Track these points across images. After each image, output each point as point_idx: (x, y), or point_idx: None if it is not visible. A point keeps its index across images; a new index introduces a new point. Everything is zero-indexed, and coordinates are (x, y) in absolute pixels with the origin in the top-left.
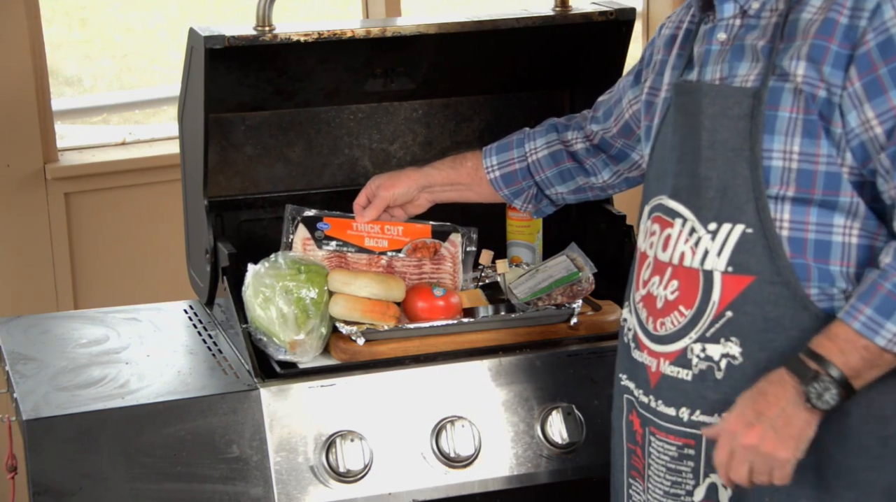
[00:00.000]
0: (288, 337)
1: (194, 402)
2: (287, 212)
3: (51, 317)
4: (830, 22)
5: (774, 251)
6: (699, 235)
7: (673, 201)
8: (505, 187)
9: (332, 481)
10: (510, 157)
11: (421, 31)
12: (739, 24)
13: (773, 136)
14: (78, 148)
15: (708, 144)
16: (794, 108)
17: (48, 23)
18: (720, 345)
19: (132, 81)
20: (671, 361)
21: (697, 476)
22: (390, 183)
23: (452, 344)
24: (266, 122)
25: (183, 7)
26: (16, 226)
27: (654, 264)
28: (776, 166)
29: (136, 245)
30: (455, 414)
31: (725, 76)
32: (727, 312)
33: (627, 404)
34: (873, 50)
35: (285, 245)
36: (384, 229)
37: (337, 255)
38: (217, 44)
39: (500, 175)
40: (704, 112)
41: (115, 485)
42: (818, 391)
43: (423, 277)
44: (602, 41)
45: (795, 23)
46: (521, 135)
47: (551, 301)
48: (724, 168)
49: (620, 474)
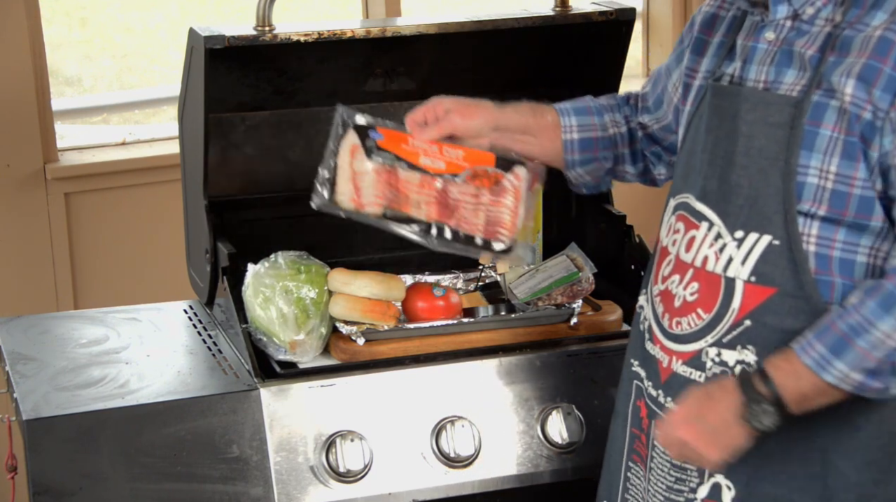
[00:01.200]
0: (288, 337)
1: (194, 402)
2: (337, 113)
3: (51, 317)
4: (888, 42)
5: (800, 265)
6: (724, 241)
7: (700, 203)
8: (579, 152)
9: (332, 481)
10: (591, 123)
11: (421, 31)
12: (790, 26)
13: (812, 153)
14: (78, 148)
15: (743, 151)
16: (836, 128)
17: (48, 23)
18: (736, 351)
19: (132, 81)
20: (685, 361)
21: (702, 474)
22: (466, 110)
23: (452, 344)
24: (266, 122)
25: (183, 7)
26: (16, 226)
27: (676, 263)
28: (811, 183)
29: (136, 245)
30: (455, 414)
31: (771, 80)
32: (746, 321)
33: (637, 390)
34: None
35: (331, 152)
36: (443, 150)
37: (387, 170)
38: (217, 44)
39: (578, 138)
40: (743, 118)
41: (115, 485)
42: (757, 413)
43: (479, 208)
44: (602, 41)
45: (851, 38)
46: (596, 104)
47: (551, 301)
48: (756, 177)
49: (619, 456)
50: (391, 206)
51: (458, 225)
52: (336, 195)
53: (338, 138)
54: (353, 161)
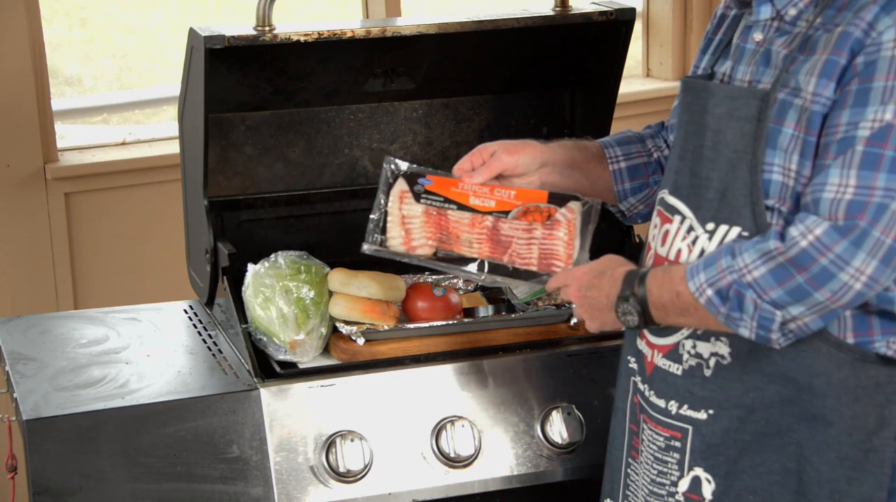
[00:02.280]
0: (288, 337)
1: (194, 402)
2: (386, 164)
3: (51, 317)
4: (846, 35)
5: None
6: (696, 234)
7: (673, 197)
8: (629, 180)
9: (332, 481)
10: (636, 150)
11: (421, 31)
12: (776, 27)
13: (775, 151)
14: (78, 148)
15: (711, 145)
16: (798, 127)
17: (48, 23)
18: (710, 343)
19: (132, 81)
20: (664, 354)
21: (682, 468)
22: (512, 148)
23: (452, 344)
24: (266, 122)
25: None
26: (16, 226)
27: (655, 257)
28: (776, 180)
29: (136, 245)
30: (455, 414)
31: (754, 80)
32: None
33: (633, 386)
34: (859, 65)
35: (380, 200)
36: (494, 191)
37: (437, 211)
38: (217, 44)
39: (625, 166)
40: (711, 112)
41: (115, 485)
42: (624, 310)
43: (532, 243)
44: (602, 41)
45: (818, 38)
46: (635, 133)
47: (551, 301)
48: (725, 170)
49: (619, 452)
50: (442, 247)
51: (512, 260)
52: (387, 240)
53: (387, 187)
54: (403, 206)
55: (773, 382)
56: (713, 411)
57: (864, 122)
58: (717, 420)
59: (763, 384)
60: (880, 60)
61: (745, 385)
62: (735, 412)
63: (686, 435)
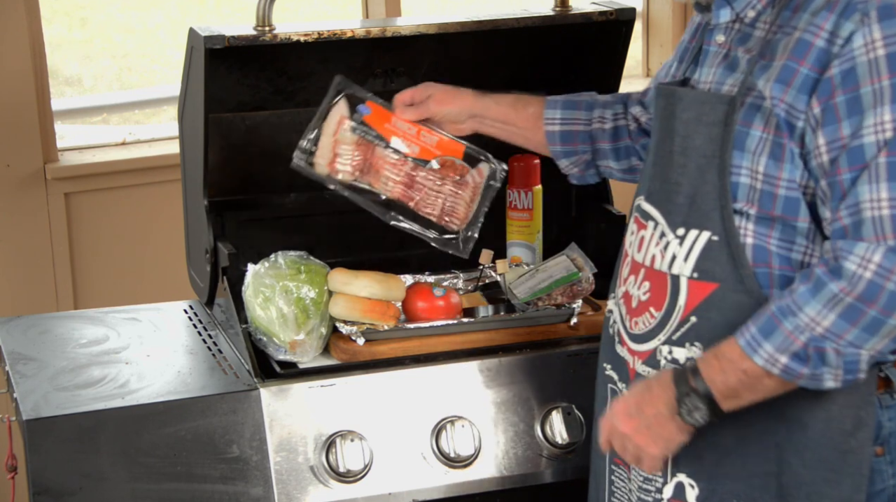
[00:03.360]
0: (288, 337)
1: (194, 402)
2: (334, 82)
3: (51, 317)
4: (805, 44)
5: (738, 260)
6: (668, 239)
7: (647, 203)
8: (560, 143)
9: (332, 481)
10: (575, 117)
11: (421, 31)
12: (737, 29)
13: (743, 154)
14: (78, 148)
15: (680, 150)
16: (765, 129)
17: (48, 23)
18: (685, 348)
19: (132, 81)
20: (643, 361)
21: (666, 474)
22: (445, 97)
23: (452, 344)
24: (266, 122)
25: (183, 7)
26: (16, 226)
27: (632, 263)
28: (744, 183)
29: (136, 245)
30: (455, 414)
31: (716, 82)
32: (692, 317)
33: (612, 393)
34: (836, 76)
35: (320, 116)
36: (420, 135)
37: (366, 143)
38: (217, 44)
39: (559, 130)
40: (679, 117)
41: (115, 485)
42: (689, 408)
43: (439, 196)
44: (602, 41)
45: (777, 43)
46: (591, 99)
47: (551, 301)
48: (694, 174)
49: (602, 461)
50: (362, 178)
51: (417, 206)
52: (316, 157)
53: (329, 104)
54: (339, 129)
55: None
56: None
57: (867, 128)
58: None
59: None
60: (859, 67)
61: None
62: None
63: None
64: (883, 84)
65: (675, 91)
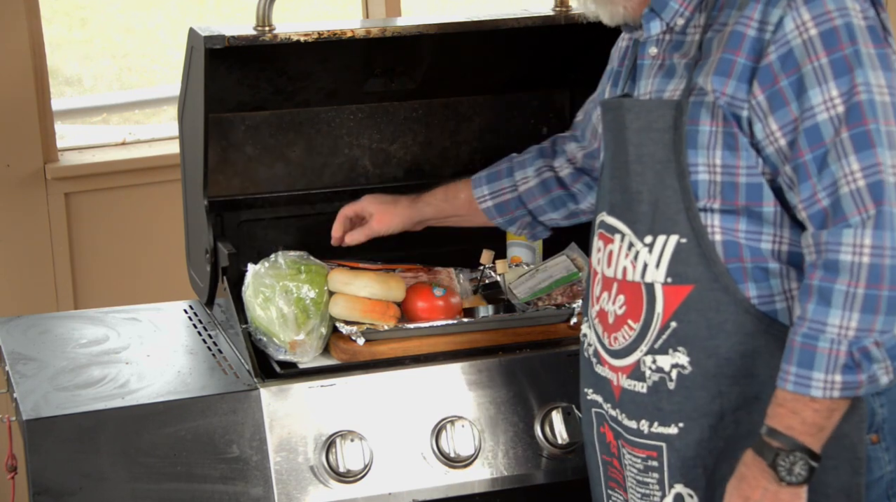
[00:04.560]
0: (288, 337)
1: (194, 402)
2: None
3: (51, 317)
4: (738, 35)
5: (709, 258)
6: (637, 249)
7: (610, 217)
8: (498, 216)
9: (332, 481)
10: (501, 187)
11: (421, 31)
12: (669, 38)
13: (697, 151)
14: (78, 148)
15: (636, 159)
16: (713, 122)
17: (48, 23)
18: (669, 355)
19: (132, 81)
20: (627, 375)
21: (663, 487)
22: (385, 217)
23: (452, 344)
24: (266, 122)
25: (183, 7)
26: (16, 226)
27: (603, 280)
28: (703, 180)
29: (136, 245)
30: (455, 414)
31: (655, 91)
32: (672, 323)
33: (597, 417)
34: (774, 62)
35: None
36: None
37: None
38: (217, 44)
39: (492, 205)
40: (629, 127)
41: (115, 485)
42: (787, 467)
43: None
44: (602, 41)
45: (711, 39)
46: (510, 164)
47: (551, 301)
48: (653, 181)
49: (599, 487)
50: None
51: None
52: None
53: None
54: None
55: (736, 383)
56: (683, 424)
57: (818, 106)
58: (688, 432)
59: (728, 387)
60: (795, 49)
61: (710, 391)
62: (705, 421)
63: (661, 452)
64: (822, 62)
65: (623, 103)
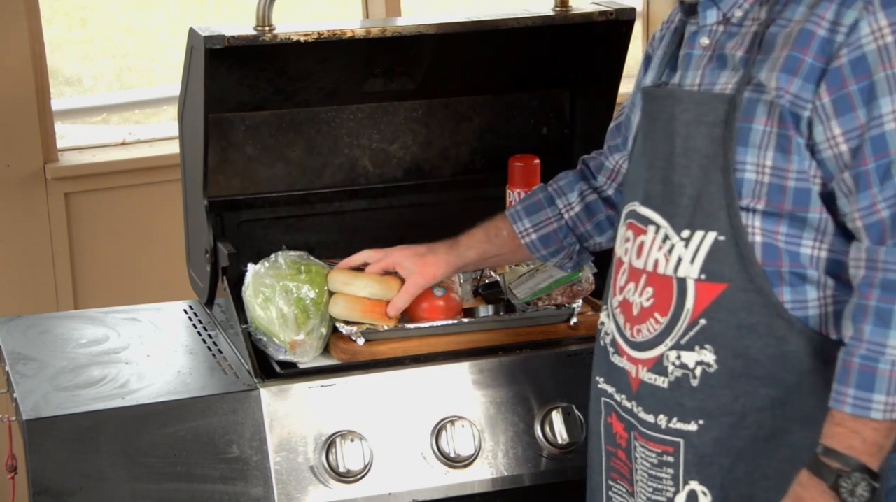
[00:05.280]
0: (288, 337)
1: (194, 402)
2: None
3: (51, 317)
4: (807, 33)
5: (746, 258)
6: (672, 243)
7: (645, 208)
8: (543, 248)
9: (332, 481)
10: (545, 217)
11: (421, 31)
12: (722, 30)
13: (747, 149)
14: (78, 148)
15: (682, 151)
16: (768, 122)
17: (48, 23)
18: (695, 352)
19: (132, 81)
20: (648, 368)
21: (677, 483)
22: (428, 269)
23: (452, 344)
24: (266, 122)
25: (183, 7)
26: (16, 226)
27: (630, 271)
28: (749, 179)
29: (136, 245)
30: (455, 414)
31: (705, 83)
32: (701, 320)
33: (606, 407)
34: (845, 66)
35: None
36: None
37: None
38: (217, 44)
39: (536, 237)
40: (678, 119)
41: (115, 485)
42: (849, 488)
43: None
44: (602, 41)
45: (775, 35)
46: (547, 193)
47: (551, 301)
48: (697, 175)
49: (598, 476)
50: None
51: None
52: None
53: None
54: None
55: (763, 385)
56: (703, 421)
57: (886, 115)
58: (708, 430)
59: (753, 388)
60: (869, 55)
61: (734, 391)
62: (726, 420)
63: (678, 448)
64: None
65: (673, 92)
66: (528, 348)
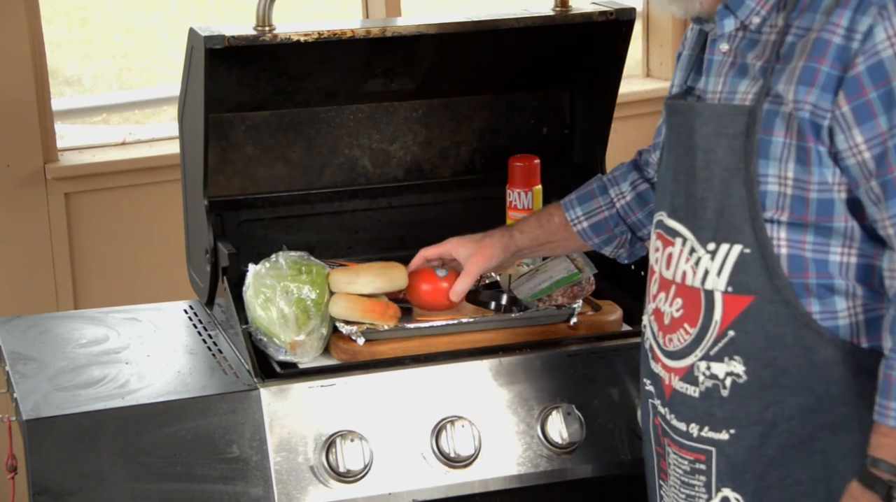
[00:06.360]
0: (288, 337)
1: (194, 402)
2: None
3: (51, 317)
4: (823, 42)
5: (772, 271)
6: (699, 255)
7: (672, 220)
8: (595, 236)
9: (332, 481)
10: (597, 206)
11: (421, 31)
12: (742, 36)
13: (768, 162)
14: (78, 148)
15: (703, 164)
16: (787, 134)
17: (48, 23)
18: (724, 363)
19: (132, 81)
20: (680, 377)
21: (710, 490)
22: (485, 251)
23: (452, 344)
24: (266, 122)
25: (183, 7)
26: (16, 226)
27: (660, 280)
28: (772, 191)
29: (136, 245)
30: (455, 414)
31: (727, 91)
32: (729, 331)
33: (652, 408)
34: (863, 73)
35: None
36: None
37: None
38: (217, 44)
39: (588, 225)
40: (699, 132)
41: (115, 485)
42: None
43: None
44: (602, 41)
45: (793, 45)
46: (601, 182)
47: (551, 302)
48: (720, 188)
49: (652, 475)
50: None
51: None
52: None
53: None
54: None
55: (792, 394)
56: (734, 430)
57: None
58: (739, 439)
59: (782, 397)
60: (886, 61)
61: (764, 401)
62: (757, 429)
63: (710, 457)
64: None
65: (693, 106)
66: (528, 348)
